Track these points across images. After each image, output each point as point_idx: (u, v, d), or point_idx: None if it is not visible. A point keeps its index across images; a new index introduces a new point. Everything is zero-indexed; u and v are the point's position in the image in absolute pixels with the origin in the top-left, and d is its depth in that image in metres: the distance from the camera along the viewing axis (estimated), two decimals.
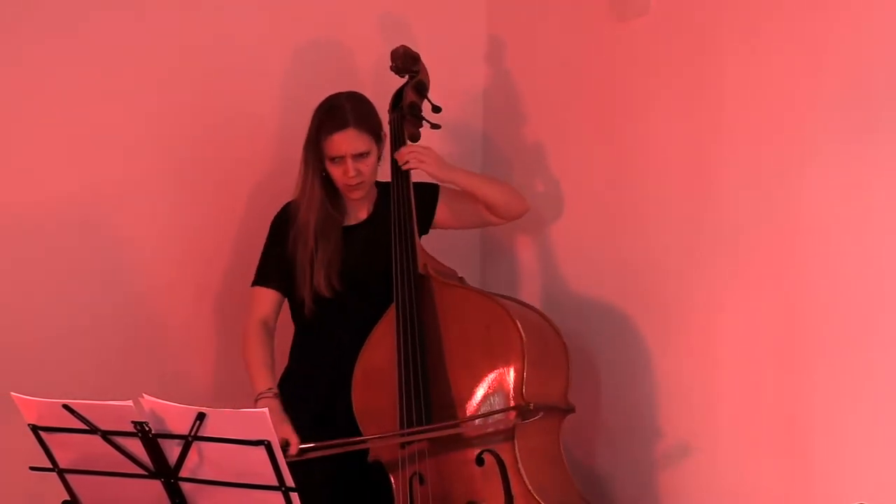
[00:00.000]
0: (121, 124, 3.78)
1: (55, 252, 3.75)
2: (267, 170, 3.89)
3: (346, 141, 3.38)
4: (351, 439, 3.28)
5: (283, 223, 3.49)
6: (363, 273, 3.46)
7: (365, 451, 3.31)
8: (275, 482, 2.52)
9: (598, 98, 3.73)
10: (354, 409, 3.33)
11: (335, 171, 3.41)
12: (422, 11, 4.12)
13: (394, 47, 3.63)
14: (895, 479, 2.78)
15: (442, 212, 3.57)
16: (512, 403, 3.21)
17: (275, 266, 3.48)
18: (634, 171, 3.58)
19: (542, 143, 3.95)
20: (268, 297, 3.48)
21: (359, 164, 3.40)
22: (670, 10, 3.45)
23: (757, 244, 3.16)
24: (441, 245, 3.75)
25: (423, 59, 3.67)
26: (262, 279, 3.49)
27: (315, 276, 3.40)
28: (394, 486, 3.30)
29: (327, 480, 3.35)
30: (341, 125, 3.38)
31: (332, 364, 3.43)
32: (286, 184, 3.54)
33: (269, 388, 3.34)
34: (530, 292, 3.94)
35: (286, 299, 3.52)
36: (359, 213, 3.53)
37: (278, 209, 3.53)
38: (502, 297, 3.41)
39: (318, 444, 3.24)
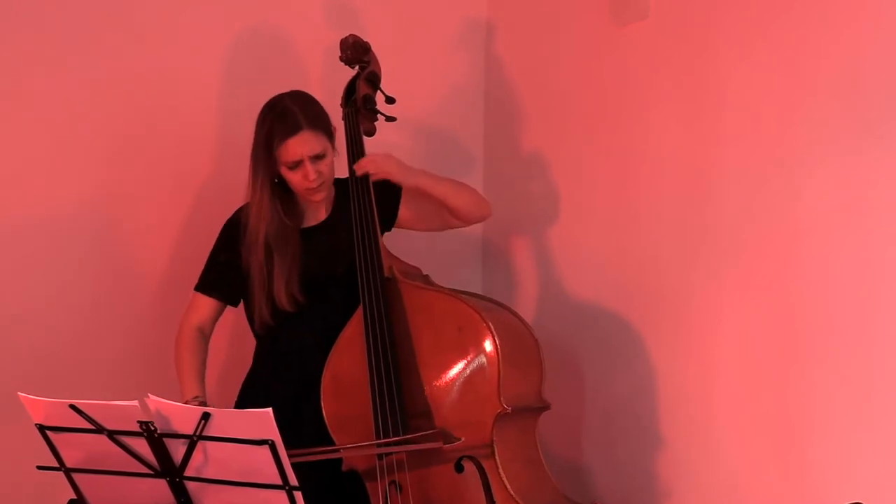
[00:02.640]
0: (118, 126, 3.80)
1: (59, 255, 3.76)
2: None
3: (302, 144, 3.27)
4: (318, 449, 3.18)
5: (233, 229, 3.41)
6: (325, 276, 3.38)
7: (338, 460, 3.25)
8: (279, 481, 2.53)
9: (597, 101, 3.74)
10: (325, 417, 3.26)
11: (294, 177, 3.31)
12: (423, 12, 4.13)
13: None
14: (891, 479, 2.80)
15: (404, 212, 3.49)
16: (490, 406, 3.15)
17: (220, 274, 3.41)
18: (634, 174, 3.59)
19: (542, 147, 3.96)
20: (207, 305, 3.42)
21: (318, 165, 3.29)
22: (669, 14, 3.46)
23: (755, 247, 3.18)
24: (442, 247, 3.78)
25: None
26: (204, 286, 3.43)
27: (274, 288, 3.32)
28: (370, 495, 3.25)
29: (304, 491, 3.27)
30: (294, 129, 3.26)
31: (297, 369, 3.37)
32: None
33: (196, 397, 3.29)
34: (530, 294, 3.96)
35: (241, 307, 3.45)
36: (318, 213, 3.44)
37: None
38: (471, 295, 3.35)
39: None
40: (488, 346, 3.18)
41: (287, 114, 3.29)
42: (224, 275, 3.40)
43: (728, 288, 3.26)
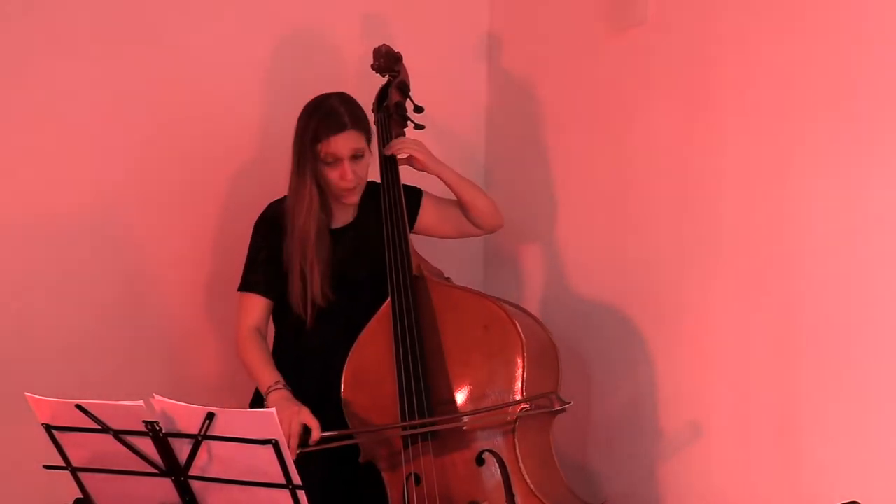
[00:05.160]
0: (119, 130, 3.82)
1: (65, 256, 3.78)
2: (269, 169, 3.93)
3: (345, 142, 3.34)
4: (373, 426, 3.26)
5: (269, 226, 3.45)
6: (350, 276, 3.44)
7: (357, 453, 3.30)
8: (282, 480, 2.55)
9: (597, 105, 3.75)
10: (344, 409, 3.31)
11: (332, 175, 3.37)
12: (424, 15, 4.15)
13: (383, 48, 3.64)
14: (887, 477, 2.81)
15: (425, 216, 3.56)
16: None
17: (264, 272, 3.44)
18: (632, 176, 3.61)
19: (542, 149, 3.97)
20: (258, 305, 3.45)
21: (355, 165, 3.37)
22: (667, 19, 3.48)
23: (751, 247, 3.19)
24: (443, 250, 3.79)
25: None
26: (251, 285, 3.45)
27: (311, 284, 3.37)
28: (388, 487, 3.29)
29: (320, 483, 3.28)
30: (340, 128, 3.34)
31: (320, 365, 3.41)
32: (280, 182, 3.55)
33: (277, 381, 3.31)
34: (531, 294, 3.98)
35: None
36: (345, 214, 3.50)
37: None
38: (494, 297, 3.40)
39: (341, 431, 3.21)
40: (515, 345, 3.24)
41: (333, 113, 3.36)
42: (268, 272, 3.44)
43: (726, 289, 3.27)
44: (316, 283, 3.37)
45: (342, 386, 3.33)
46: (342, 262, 3.44)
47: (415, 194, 3.57)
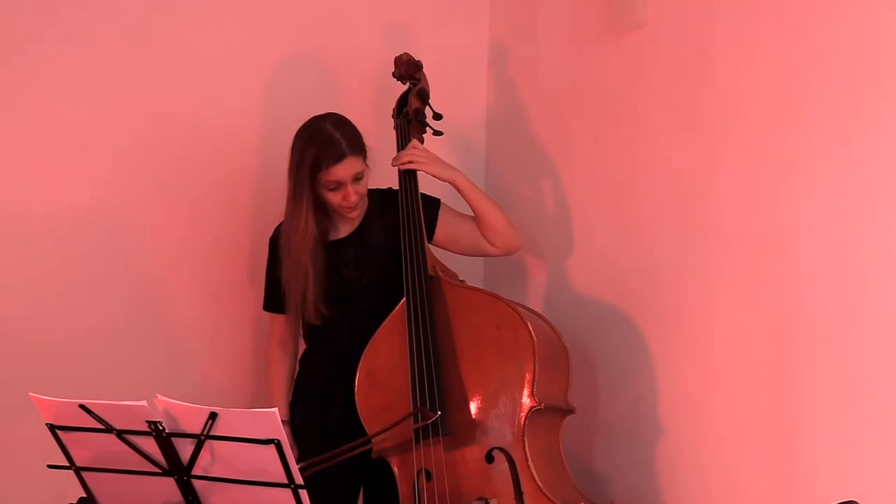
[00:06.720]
0: (131, 132, 3.85)
1: (69, 256, 3.80)
2: (276, 177, 3.94)
3: (347, 169, 3.39)
4: (352, 444, 3.18)
5: (277, 245, 3.53)
6: (351, 284, 3.49)
7: (368, 450, 3.31)
8: (284, 480, 2.55)
9: (597, 108, 3.77)
10: (359, 410, 3.36)
11: (334, 198, 3.43)
12: (425, 20, 4.17)
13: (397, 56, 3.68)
14: (885, 477, 2.82)
15: (441, 227, 3.58)
16: (524, 403, 3.25)
17: (277, 290, 3.53)
18: (633, 179, 3.62)
19: (543, 153, 3.98)
20: (278, 321, 3.59)
21: (356, 186, 3.42)
22: (666, 22, 3.49)
23: (751, 249, 3.21)
24: (444, 251, 3.81)
25: (427, 69, 3.72)
26: (269, 304, 3.59)
27: (306, 303, 3.44)
28: (399, 482, 3.33)
29: (334, 478, 3.35)
30: (339, 157, 3.38)
31: (325, 372, 3.49)
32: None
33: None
34: (532, 297, 3.99)
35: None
36: (348, 225, 3.55)
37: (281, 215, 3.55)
38: (508, 299, 3.42)
39: (307, 462, 3.15)
40: (526, 346, 3.28)
41: (332, 142, 3.39)
42: (279, 290, 3.52)
43: (727, 291, 3.29)
44: (310, 301, 3.44)
45: (356, 389, 3.37)
46: (342, 273, 3.49)
47: (433, 203, 3.59)
